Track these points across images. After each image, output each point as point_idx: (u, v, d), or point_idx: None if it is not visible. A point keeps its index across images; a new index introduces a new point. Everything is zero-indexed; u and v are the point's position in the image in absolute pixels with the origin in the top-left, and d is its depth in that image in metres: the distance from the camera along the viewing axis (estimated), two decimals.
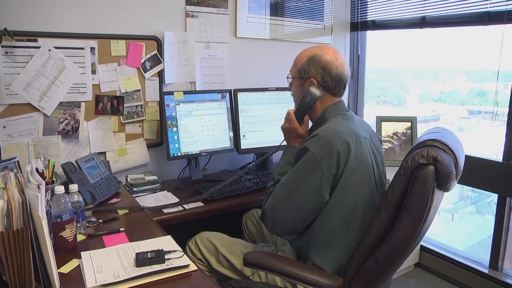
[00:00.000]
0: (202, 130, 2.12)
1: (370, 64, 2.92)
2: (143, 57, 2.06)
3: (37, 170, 1.40)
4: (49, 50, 1.81)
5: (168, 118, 2.01)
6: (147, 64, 2.08)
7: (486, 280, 2.24)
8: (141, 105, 2.10)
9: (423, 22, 2.39)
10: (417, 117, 2.45)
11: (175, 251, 1.18)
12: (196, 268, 1.12)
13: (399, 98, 3.33)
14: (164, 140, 2.08)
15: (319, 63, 1.40)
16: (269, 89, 2.30)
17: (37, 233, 0.95)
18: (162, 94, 2.03)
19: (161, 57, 2.11)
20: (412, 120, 2.44)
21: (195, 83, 2.26)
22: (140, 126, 2.13)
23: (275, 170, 1.49)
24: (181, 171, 2.21)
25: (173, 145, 2.03)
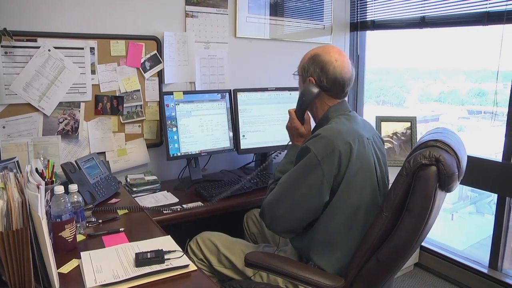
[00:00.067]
0: (201, 130, 2.12)
1: (369, 64, 2.92)
2: (142, 57, 2.06)
3: (36, 170, 1.40)
4: (49, 50, 1.81)
5: (167, 118, 2.01)
6: (147, 64, 2.08)
7: (485, 280, 2.24)
8: (141, 105, 2.10)
9: (423, 22, 2.39)
10: (416, 117, 2.45)
11: (175, 251, 1.18)
12: (195, 268, 1.12)
13: (398, 98, 3.33)
14: (163, 140, 2.08)
15: (318, 63, 1.40)
16: (268, 89, 2.30)
17: (37, 233, 0.95)
18: (161, 94, 2.03)
19: (160, 57, 2.11)
20: (411, 120, 2.44)
21: (194, 83, 2.26)
22: (139, 126, 2.13)
23: (277, 168, 1.50)
24: (180, 171, 2.21)
25: (173, 145, 2.03)
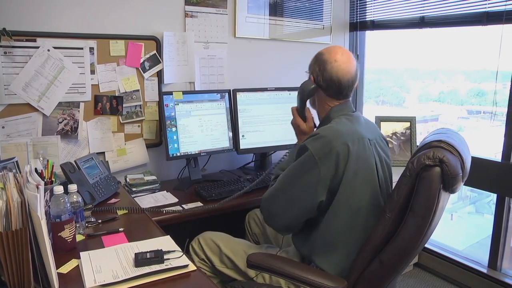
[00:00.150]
0: (201, 130, 2.12)
1: (369, 64, 2.92)
2: (142, 57, 2.06)
3: (36, 170, 1.40)
4: (48, 50, 1.81)
5: (167, 118, 2.01)
6: (146, 64, 2.08)
7: (485, 279, 2.24)
8: (140, 105, 2.10)
9: (422, 22, 2.39)
10: (416, 117, 2.45)
11: (174, 251, 1.18)
12: (195, 268, 1.12)
13: (398, 98, 3.33)
14: (163, 140, 2.08)
15: (319, 61, 1.41)
16: (268, 89, 2.30)
17: (36, 233, 0.95)
18: (161, 94, 2.03)
19: (160, 57, 2.11)
20: (411, 120, 2.44)
21: (194, 83, 2.25)
22: (139, 126, 2.13)
23: (279, 164, 1.51)
24: (180, 171, 2.21)
25: (172, 145, 2.03)
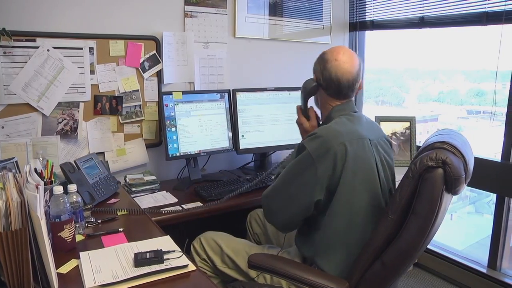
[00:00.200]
0: (201, 130, 2.12)
1: (369, 64, 2.92)
2: (141, 57, 2.06)
3: (35, 170, 1.40)
4: (48, 50, 1.81)
5: (167, 118, 2.01)
6: (146, 64, 2.08)
7: (484, 279, 2.24)
8: (140, 105, 2.10)
9: (422, 22, 2.39)
10: (415, 117, 2.45)
11: (174, 251, 1.18)
12: (195, 268, 1.12)
13: (397, 98, 3.33)
14: (162, 140, 2.08)
15: (321, 61, 1.42)
16: (268, 89, 2.30)
17: (36, 233, 0.95)
18: (160, 94, 2.02)
19: (159, 57, 2.11)
20: (410, 120, 2.44)
21: (194, 83, 2.25)
22: (139, 126, 2.13)
23: (281, 163, 1.53)
24: (180, 171, 2.21)
25: (172, 145, 2.03)
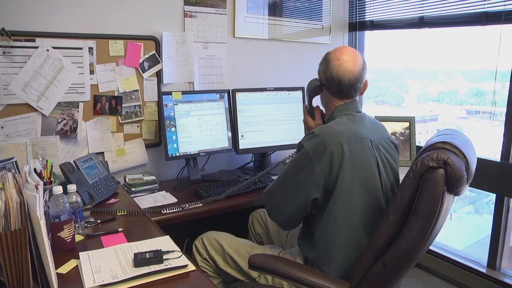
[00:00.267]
0: (200, 130, 2.12)
1: (368, 64, 2.89)
2: (141, 57, 2.06)
3: (35, 170, 1.41)
4: (47, 50, 1.81)
5: (166, 118, 2.01)
6: (146, 64, 2.08)
7: (484, 279, 2.24)
8: (140, 105, 2.10)
9: (421, 22, 2.39)
10: (415, 117, 2.45)
11: (174, 251, 1.18)
12: (194, 268, 1.12)
13: (397, 98, 3.33)
14: (162, 140, 2.08)
15: (324, 60, 1.45)
16: (267, 89, 2.30)
17: (35, 233, 0.95)
18: (160, 94, 2.02)
19: (159, 57, 2.11)
20: (410, 120, 2.44)
21: (193, 83, 2.25)
22: (138, 126, 2.13)
23: (285, 161, 1.55)
24: (179, 171, 2.21)
25: (172, 145, 2.03)
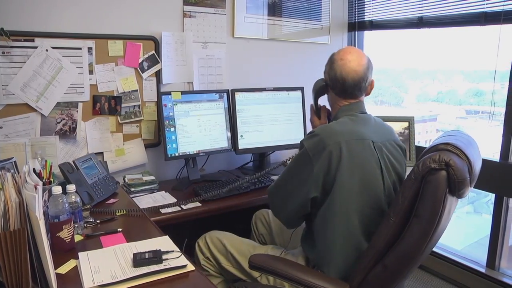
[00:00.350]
0: (199, 130, 2.12)
1: None
2: (140, 57, 2.06)
3: (34, 170, 1.40)
4: (46, 50, 1.80)
5: (165, 118, 2.01)
6: (145, 64, 2.08)
7: (483, 279, 2.24)
8: (139, 105, 2.10)
9: (421, 22, 2.40)
10: (414, 117, 2.45)
11: (173, 251, 1.18)
12: (193, 268, 1.12)
13: (396, 98, 3.34)
14: (161, 140, 2.08)
15: (329, 60, 1.47)
16: (266, 89, 2.30)
17: (34, 233, 0.95)
18: (159, 94, 2.02)
19: (158, 57, 2.11)
20: (409, 120, 2.44)
21: (192, 83, 2.25)
22: (137, 126, 2.12)
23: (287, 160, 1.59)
24: (178, 171, 2.21)
25: (171, 145, 2.03)
